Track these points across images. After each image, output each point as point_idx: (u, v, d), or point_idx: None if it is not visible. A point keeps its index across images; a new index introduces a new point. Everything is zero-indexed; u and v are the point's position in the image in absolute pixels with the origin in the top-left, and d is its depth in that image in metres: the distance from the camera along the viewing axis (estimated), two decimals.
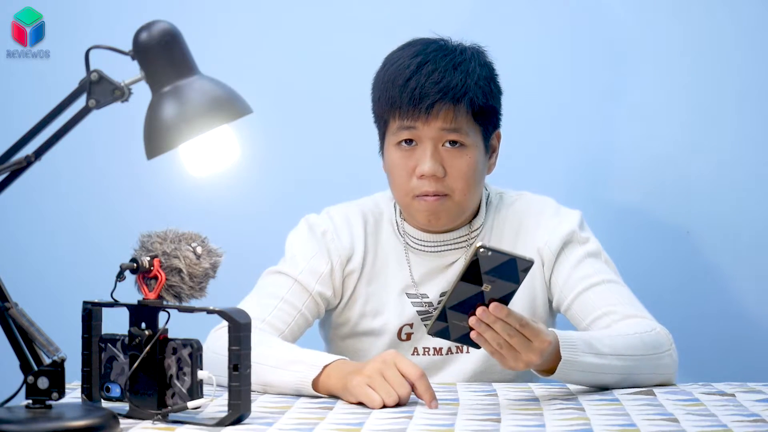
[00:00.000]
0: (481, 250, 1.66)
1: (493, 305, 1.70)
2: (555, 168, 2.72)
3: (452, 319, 1.72)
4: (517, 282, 1.69)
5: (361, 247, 2.19)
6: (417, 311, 2.18)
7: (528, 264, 1.67)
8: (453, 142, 2.10)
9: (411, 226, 2.20)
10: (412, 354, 2.19)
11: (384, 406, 1.75)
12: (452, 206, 2.13)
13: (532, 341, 1.74)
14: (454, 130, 2.10)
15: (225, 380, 1.61)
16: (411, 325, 2.18)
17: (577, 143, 2.73)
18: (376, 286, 2.20)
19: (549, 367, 1.82)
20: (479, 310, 1.70)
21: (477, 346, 1.74)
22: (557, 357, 1.81)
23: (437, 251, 2.19)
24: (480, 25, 2.45)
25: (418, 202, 2.12)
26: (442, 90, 2.08)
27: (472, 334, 1.72)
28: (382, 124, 2.16)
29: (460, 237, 2.19)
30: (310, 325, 2.19)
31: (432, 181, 2.10)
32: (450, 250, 2.19)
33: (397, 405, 1.76)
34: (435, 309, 1.71)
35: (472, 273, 1.68)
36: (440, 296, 2.17)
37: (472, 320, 1.71)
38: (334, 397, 1.85)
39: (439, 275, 2.19)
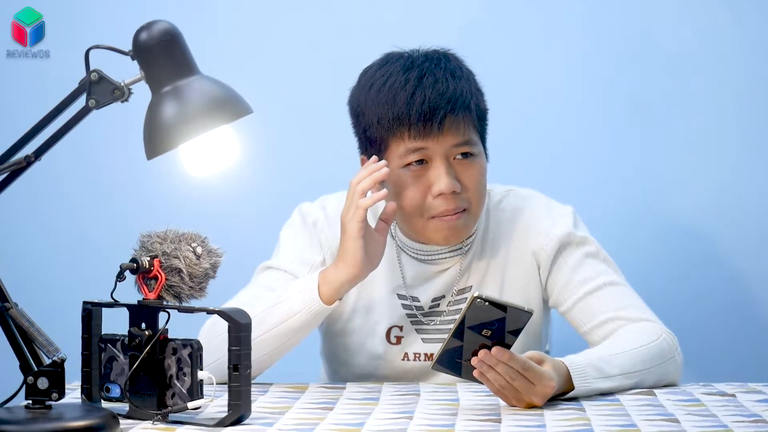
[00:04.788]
0: (478, 300, 1.66)
1: (495, 349, 1.70)
2: (557, 166, 2.72)
3: (455, 357, 1.72)
4: (517, 335, 1.70)
5: None
6: (406, 314, 2.14)
7: (527, 316, 1.68)
8: (464, 154, 2.04)
9: (404, 236, 2.14)
10: (403, 359, 2.14)
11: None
12: (470, 219, 2.07)
13: (535, 385, 1.74)
14: (465, 142, 2.03)
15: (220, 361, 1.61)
16: (401, 328, 2.14)
17: (580, 141, 2.72)
18: (367, 282, 2.14)
19: (560, 392, 1.82)
20: (481, 353, 1.70)
21: (480, 383, 1.75)
22: (567, 383, 1.81)
23: (430, 260, 2.14)
24: (477, 25, 2.45)
25: (437, 223, 2.04)
26: (451, 100, 2.00)
27: (475, 373, 1.73)
28: (382, 147, 2.05)
29: (455, 248, 2.14)
30: None
31: (450, 198, 2.02)
32: (444, 258, 2.14)
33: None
34: (438, 351, 1.72)
35: (470, 321, 1.68)
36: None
37: (474, 361, 1.71)
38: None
39: (431, 280, 2.14)
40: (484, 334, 1.69)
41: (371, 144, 2.07)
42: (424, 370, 2.13)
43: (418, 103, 1.99)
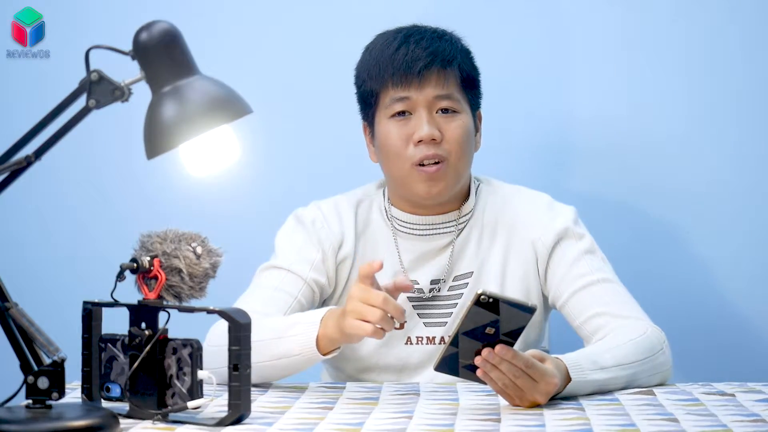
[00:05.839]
0: (482, 297, 1.66)
1: (498, 347, 1.70)
2: (552, 164, 2.72)
3: (454, 361, 1.72)
4: (519, 333, 1.70)
5: (351, 233, 2.19)
6: (408, 297, 2.16)
7: (529, 314, 1.68)
8: (446, 110, 2.13)
9: (399, 210, 2.20)
10: (405, 343, 2.17)
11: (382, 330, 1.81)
12: (450, 171, 2.13)
13: (539, 382, 1.75)
14: (447, 96, 2.13)
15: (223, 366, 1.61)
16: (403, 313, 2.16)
17: (576, 140, 2.72)
18: None
19: (561, 389, 1.82)
20: (485, 351, 1.71)
21: (483, 383, 1.75)
22: (567, 380, 1.82)
23: (426, 234, 2.18)
24: (479, 26, 2.45)
25: (417, 172, 2.12)
26: (432, 53, 2.13)
27: (478, 372, 1.73)
28: (373, 101, 2.16)
29: (449, 221, 2.19)
30: None
31: (430, 145, 2.11)
32: (439, 234, 2.19)
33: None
34: (443, 346, 1.73)
35: (473, 318, 1.68)
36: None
37: (477, 360, 1.72)
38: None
39: (429, 261, 2.18)
40: (487, 332, 1.69)
41: (366, 103, 2.19)
42: (426, 354, 2.16)
43: (401, 54, 2.13)
